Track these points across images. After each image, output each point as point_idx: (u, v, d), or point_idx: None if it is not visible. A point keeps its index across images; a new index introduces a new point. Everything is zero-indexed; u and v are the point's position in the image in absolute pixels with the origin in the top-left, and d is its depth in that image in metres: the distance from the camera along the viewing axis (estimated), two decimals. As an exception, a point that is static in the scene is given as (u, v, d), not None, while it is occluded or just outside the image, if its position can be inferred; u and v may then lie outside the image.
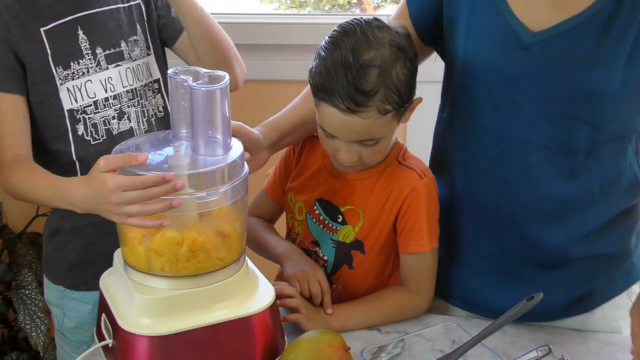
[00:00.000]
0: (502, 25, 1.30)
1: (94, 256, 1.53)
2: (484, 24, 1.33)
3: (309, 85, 1.42)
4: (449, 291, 1.48)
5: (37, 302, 2.08)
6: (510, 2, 1.30)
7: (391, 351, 1.29)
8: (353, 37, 1.26)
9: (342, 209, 1.41)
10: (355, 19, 1.30)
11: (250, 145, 1.33)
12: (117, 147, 1.24)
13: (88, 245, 1.54)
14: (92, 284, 1.48)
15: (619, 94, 1.27)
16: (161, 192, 1.12)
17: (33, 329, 2.05)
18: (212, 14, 1.54)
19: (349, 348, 1.22)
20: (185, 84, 1.18)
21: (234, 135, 1.24)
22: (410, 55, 1.29)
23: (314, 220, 1.45)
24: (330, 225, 1.43)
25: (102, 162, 1.16)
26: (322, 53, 1.28)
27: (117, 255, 1.28)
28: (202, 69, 1.20)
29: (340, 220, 1.42)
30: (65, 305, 1.59)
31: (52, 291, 1.61)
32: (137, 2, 1.55)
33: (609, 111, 1.29)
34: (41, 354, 2.11)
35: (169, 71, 1.22)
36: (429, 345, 1.32)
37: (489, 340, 1.25)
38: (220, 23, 1.58)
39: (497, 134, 1.34)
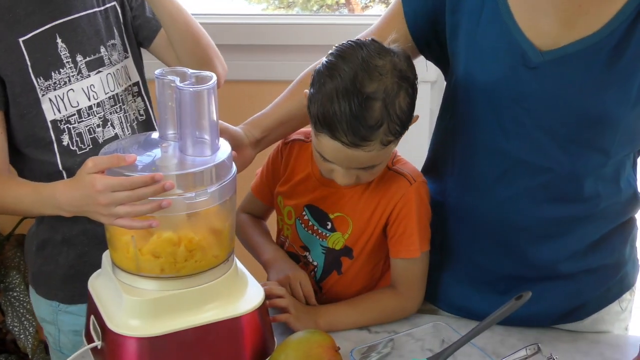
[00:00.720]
0: (509, 42, 1.24)
1: (87, 266, 1.43)
2: (488, 37, 1.27)
3: (293, 82, 1.42)
4: (439, 297, 1.47)
5: (25, 304, 2.07)
6: (517, 16, 1.24)
7: (381, 351, 1.29)
8: (353, 65, 1.20)
9: (332, 216, 1.40)
10: (352, 42, 1.25)
11: (232, 143, 1.31)
12: (105, 149, 1.23)
13: (81, 255, 1.50)
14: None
15: (629, 119, 1.23)
16: (150, 193, 1.11)
17: (21, 331, 2.04)
18: (200, 14, 1.53)
19: (339, 348, 1.22)
20: (172, 84, 1.17)
21: None
22: (412, 81, 1.25)
23: (303, 225, 1.44)
24: (319, 231, 1.42)
25: (90, 163, 1.16)
26: (321, 80, 1.22)
27: (106, 256, 1.27)
28: (189, 69, 1.20)
29: (329, 227, 1.41)
30: (59, 320, 1.54)
31: (44, 307, 1.55)
32: (113, 4, 1.51)
33: (617, 136, 1.24)
34: (30, 357, 2.10)
35: (156, 72, 1.21)
36: (418, 345, 1.32)
37: (478, 340, 1.25)
38: (207, 23, 1.57)
39: (501, 153, 1.29)
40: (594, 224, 1.34)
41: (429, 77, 1.33)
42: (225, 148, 1.22)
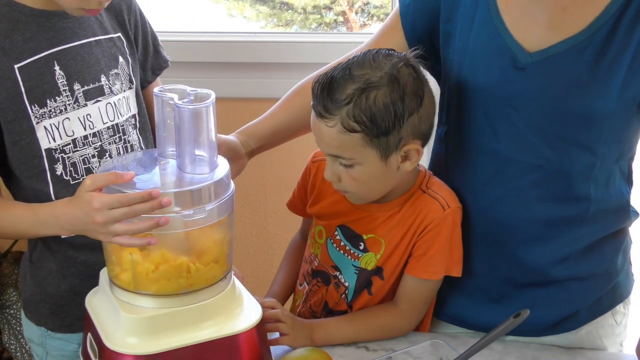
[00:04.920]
0: (499, 45, 1.30)
1: (77, 298, 1.42)
2: (480, 42, 1.32)
3: (289, 91, 1.45)
4: (436, 307, 1.47)
5: (22, 322, 2.06)
6: (507, 21, 1.29)
7: (378, 369, 1.29)
8: (361, 54, 1.28)
9: (365, 237, 1.40)
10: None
11: (229, 153, 1.34)
12: (103, 167, 1.23)
13: (72, 287, 1.47)
14: (76, 326, 1.46)
15: (614, 116, 1.27)
16: (147, 209, 1.11)
17: (18, 349, 2.04)
18: (199, 32, 1.52)
19: (336, 366, 1.22)
20: (171, 102, 1.18)
21: None
22: (403, 89, 1.24)
23: (335, 245, 1.44)
24: (351, 251, 1.41)
25: (88, 181, 1.16)
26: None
27: (104, 274, 1.27)
28: (187, 87, 1.20)
29: (362, 247, 1.40)
30: (48, 344, 1.52)
31: (33, 331, 1.53)
32: (118, 34, 1.48)
33: (604, 134, 1.29)
34: (26, 374, 2.09)
35: (155, 89, 1.22)
36: (416, 363, 1.32)
37: (477, 358, 1.25)
38: (206, 41, 1.58)
39: (492, 153, 1.33)
40: (585, 229, 1.36)
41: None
42: (223, 166, 1.22)
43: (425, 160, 1.55)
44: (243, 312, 1.24)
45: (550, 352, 1.39)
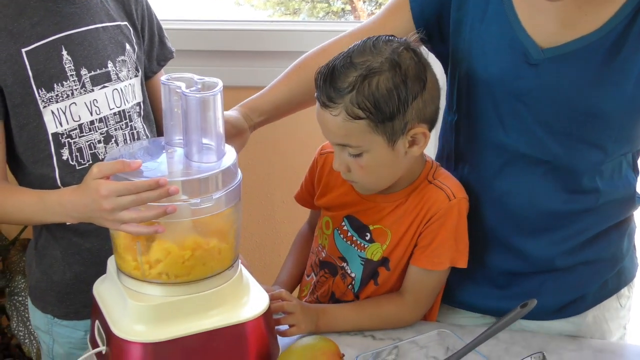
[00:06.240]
0: (510, 39, 1.29)
1: (83, 285, 1.44)
2: (491, 34, 1.31)
3: (291, 65, 1.46)
4: (444, 293, 1.46)
5: (28, 309, 2.07)
6: (520, 14, 1.29)
7: (385, 358, 1.29)
8: (359, 44, 1.28)
9: (371, 227, 1.40)
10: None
11: (234, 130, 1.36)
12: (111, 155, 1.23)
13: (77, 274, 1.48)
14: (82, 314, 1.47)
15: (626, 116, 1.27)
16: (155, 197, 1.11)
17: (26, 335, 2.04)
18: (206, 20, 1.52)
19: (343, 355, 1.22)
20: (178, 90, 1.18)
21: None
22: (405, 73, 1.24)
23: (342, 236, 1.44)
24: (358, 242, 1.42)
25: (95, 169, 1.16)
26: None
27: (111, 262, 1.28)
28: (195, 75, 1.20)
29: (368, 238, 1.40)
30: (54, 331, 1.53)
31: (39, 318, 1.54)
32: (125, 23, 1.49)
33: (615, 132, 1.29)
34: (34, 361, 2.10)
35: (162, 78, 1.22)
36: (422, 352, 1.32)
37: (483, 347, 1.25)
38: (215, 30, 1.57)
39: (501, 147, 1.33)
40: (593, 219, 1.36)
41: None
42: (230, 154, 1.22)
43: (432, 149, 1.55)
44: (250, 300, 1.24)
45: (557, 342, 1.39)
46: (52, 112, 1.37)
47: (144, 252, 1.18)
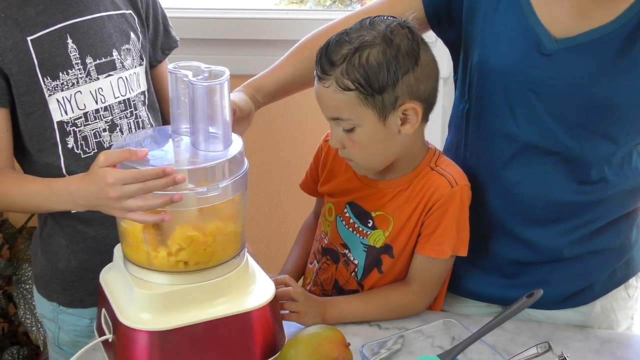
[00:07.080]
0: (524, 28, 1.28)
1: (88, 273, 1.46)
2: (505, 23, 1.30)
3: (296, 45, 1.47)
4: (450, 282, 1.47)
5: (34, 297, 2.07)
6: (534, 4, 1.28)
7: (391, 347, 1.29)
8: (358, 22, 1.29)
9: (373, 214, 1.40)
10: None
11: (241, 113, 1.36)
12: (117, 143, 1.23)
13: (82, 262, 1.48)
14: (87, 301, 1.47)
15: (638, 108, 1.27)
16: (161, 185, 1.11)
17: (33, 323, 2.05)
18: (213, 9, 1.52)
19: (349, 344, 1.22)
20: (185, 79, 1.18)
21: None
22: (397, 48, 1.24)
23: (344, 222, 1.44)
24: (360, 229, 1.42)
25: (102, 157, 1.16)
26: None
27: (118, 250, 1.28)
28: (202, 64, 1.20)
29: (370, 225, 1.40)
30: (60, 319, 1.53)
31: (45, 306, 1.54)
32: (129, 11, 1.49)
33: (628, 125, 1.28)
34: (41, 349, 2.11)
35: (169, 66, 1.22)
36: (428, 342, 1.32)
37: (489, 337, 1.25)
38: (221, 18, 1.57)
39: (512, 137, 1.33)
40: (602, 209, 1.36)
41: (442, 73, 1.33)
42: (237, 143, 1.22)
43: (439, 138, 1.54)
44: (256, 289, 1.24)
45: (563, 332, 1.39)
46: (58, 101, 1.37)
47: (150, 240, 1.18)
